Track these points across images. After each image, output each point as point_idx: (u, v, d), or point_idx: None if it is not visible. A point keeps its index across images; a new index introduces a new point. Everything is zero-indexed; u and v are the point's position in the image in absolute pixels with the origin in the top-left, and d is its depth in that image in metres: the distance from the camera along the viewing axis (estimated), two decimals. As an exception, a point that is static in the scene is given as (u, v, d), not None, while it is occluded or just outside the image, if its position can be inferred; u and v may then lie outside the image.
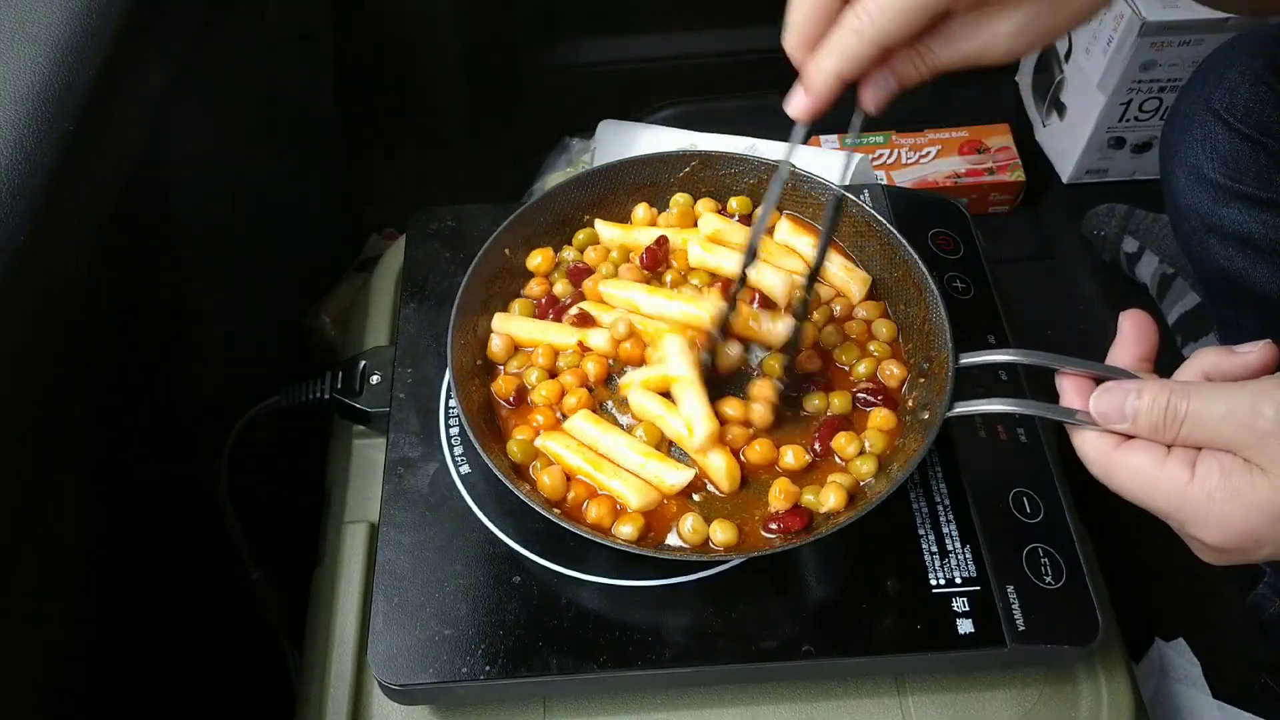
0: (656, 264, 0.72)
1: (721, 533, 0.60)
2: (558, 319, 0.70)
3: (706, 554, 0.60)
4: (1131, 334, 0.51)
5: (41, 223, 0.52)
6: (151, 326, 0.71)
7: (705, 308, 0.66)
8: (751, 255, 0.65)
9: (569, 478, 0.62)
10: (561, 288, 0.72)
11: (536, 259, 0.72)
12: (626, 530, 0.60)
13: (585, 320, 0.69)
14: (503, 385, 0.66)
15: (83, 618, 0.64)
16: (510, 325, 0.69)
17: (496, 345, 0.68)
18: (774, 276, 0.69)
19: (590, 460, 0.62)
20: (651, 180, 0.76)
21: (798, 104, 0.52)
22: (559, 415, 0.66)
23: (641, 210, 0.75)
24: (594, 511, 0.60)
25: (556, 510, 0.60)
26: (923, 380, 0.65)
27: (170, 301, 0.75)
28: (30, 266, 0.51)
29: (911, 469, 0.58)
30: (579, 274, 0.72)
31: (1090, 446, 0.49)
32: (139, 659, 0.70)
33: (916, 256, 0.67)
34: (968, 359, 0.60)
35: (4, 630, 0.54)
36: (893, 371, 0.67)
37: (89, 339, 0.61)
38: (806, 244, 0.72)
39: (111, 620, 0.66)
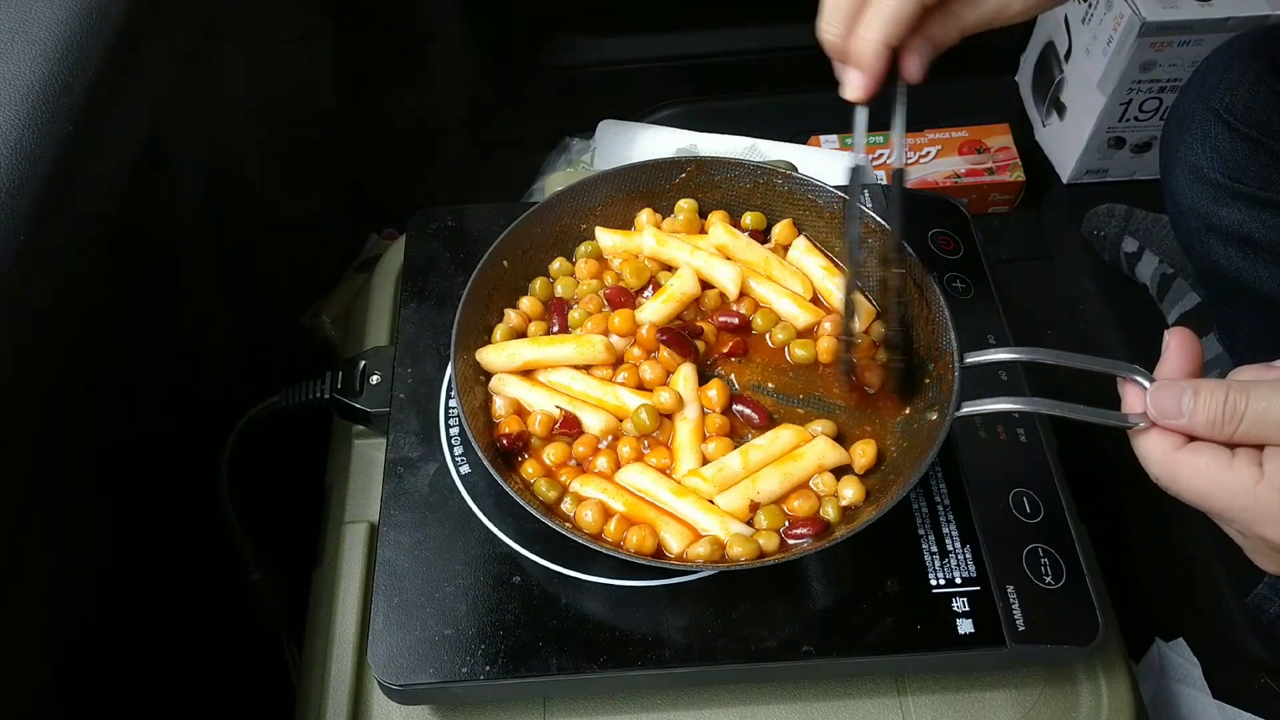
0: (624, 301, 0.70)
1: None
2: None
3: (721, 565, 0.59)
4: (1178, 349, 0.50)
5: (42, 223, 0.52)
6: (151, 326, 0.71)
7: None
8: (850, 313, 0.65)
9: (606, 512, 0.61)
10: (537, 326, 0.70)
11: (515, 313, 0.70)
12: (696, 549, 0.60)
13: (571, 424, 0.65)
14: (508, 427, 0.65)
15: (83, 617, 0.64)
16: (507, 387, 0.67)
17: (500, 408, 0.66)
18: (725, 270, 0.70)
19: (629, 504, 0.61)
20: (648, 188, 0.76)
21: (854, 84, 0.52)
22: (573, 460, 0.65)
23: (645, 216, 0.75)
24: (635, 539, 0.60)
25: (606, 543, 0.60)
26: (927, 381, 0.65)
27: (170, 301, 0.75)
28: (30, 266, 0.51)
29: (923, 471, 0.58)
30: (561, 308, 0.71)
31: (1153, 447, 0.48)
32: (139, 658, 0.70)
33: (917, 257, 0.67)
34: (972, 358, 0.60)
35: (5, 630, 0.54)
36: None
37: (89, 339, 0.61)
38: (817, 264, 0.72)
39: (112, 620, 0.66)
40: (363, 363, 0.74)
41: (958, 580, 0.61)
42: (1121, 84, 1.22)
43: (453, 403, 0.69)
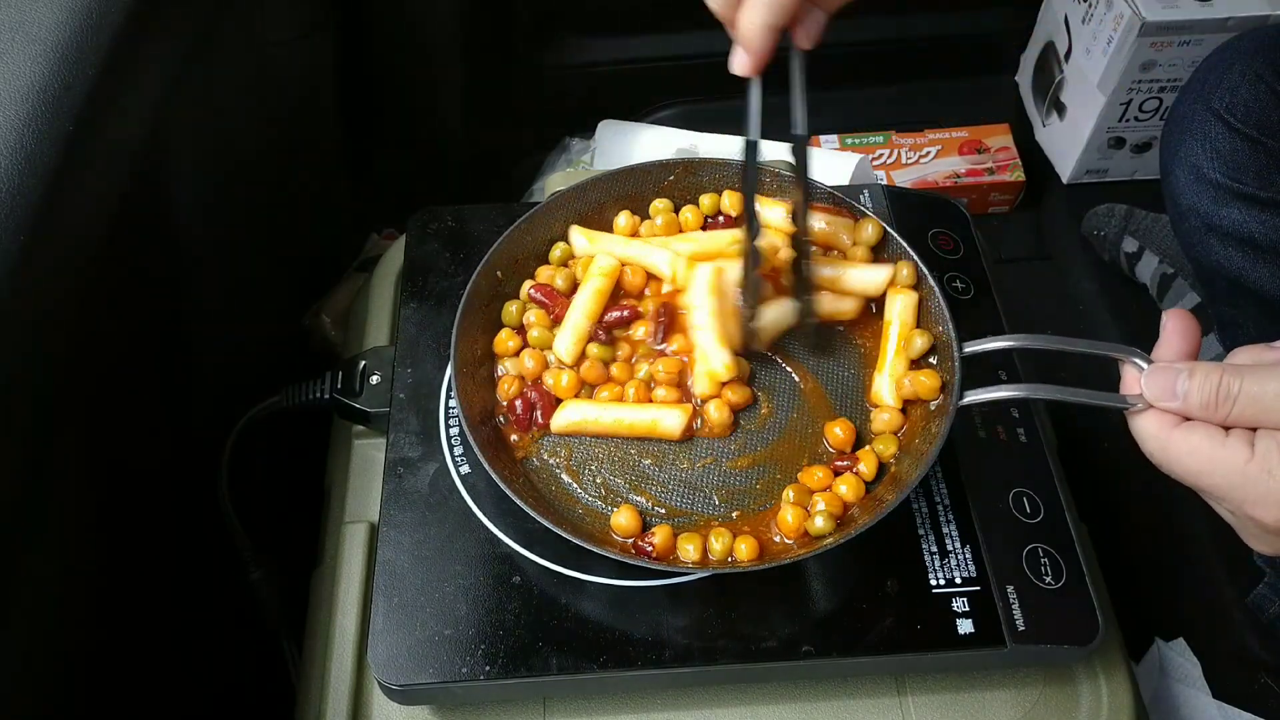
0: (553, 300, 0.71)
1: (745, 547, 0.60)
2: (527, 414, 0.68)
3: (725, 568, 0.59)
4: (1176, 332, 0.51)
5: (41, 223, 0.52)
6: (151, 327, 0.71)
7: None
8: (754, 226, 0.65)
9: (643, 517, 0.62)
10: (533, 364, 0.68)
11: (508, 342, 0.69)
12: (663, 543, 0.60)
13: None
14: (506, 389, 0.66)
15: (83, 618, 0.64)
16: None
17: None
18: (659, 254, 0.70)
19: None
20: (638, 191, 0.75)
21: (740, 62, 0.54)
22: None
23: (623, 219, 0.74)
24: (623, 519, 0.61)
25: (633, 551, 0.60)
26: (928, 380, 0.65)
27: (170, 301, 0.75)
28: (30, 266, 0.51)
29: (932, 460, 0.59)
30: (548, 295, 0.70)
31: (1148, 425, 0.49)
32: (139, 659, 0.70)
33: (908, 247, 0.68)
34: (971, 347, 0.61)
35: (5, 630, 0.54)
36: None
37: (88, 339, 0.61)
38: (780, 212, 0.72)
39: (112, 620, 0.66)
40: (363, 363, 0.74)
41: (958, 580, 0.61)
42: (1121, 84, 1.23)
43: (452, 403, 0.69)
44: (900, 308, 0.67)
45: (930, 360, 0.66)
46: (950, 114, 1.38)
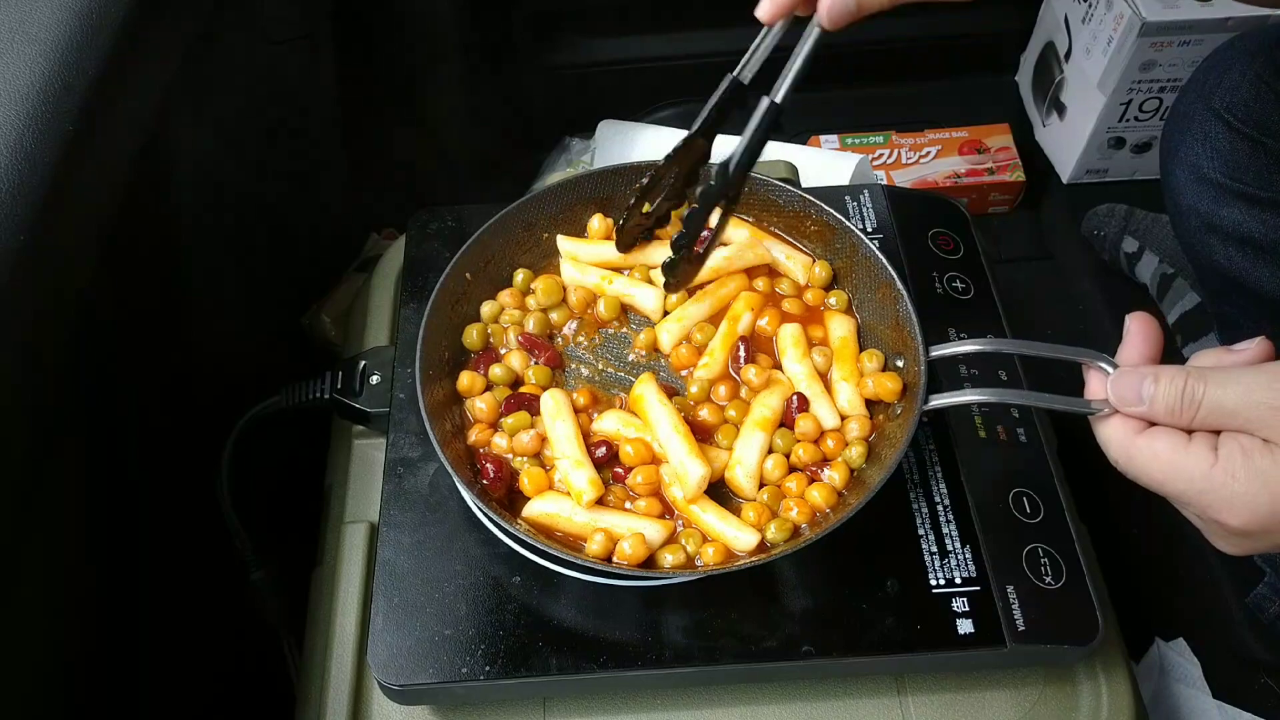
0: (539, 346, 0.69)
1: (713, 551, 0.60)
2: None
3: (699, 572, 0.60)
4: (1139, 334, 0.51)
5: (41, 223, 0.52)
6: (152, 326, 0.71)
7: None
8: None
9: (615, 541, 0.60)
10: (485, 406, 0.66)
11: (464, 380, 0.67)
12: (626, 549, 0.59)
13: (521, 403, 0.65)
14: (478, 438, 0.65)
15: (83, 618, 0.64)
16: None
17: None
18: (647, 293, 0.70)
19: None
20: (609, 195, 0.75)
21: (764, 5, 0.56)
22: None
23: (596, 221, 0.74)
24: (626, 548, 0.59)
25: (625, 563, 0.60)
26: (891, 384, 0.65)
27: (170, 301, 0.75)
28: (30, 267, 0.51)
29: (894, 464, 0.59)
30: (532, 344, 0.69)
31: (1112, 432, 0.49)
32: (139, 659, 0.70)
33: (874, 248, 0.68)
34: (937, 351, 0.61)
35: (5, 630, 0.54)
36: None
37: (89, 339, 0.61)
38: (743, 232, 0.74)
39: (112, 620, 0.66)
40: (363, 363, 0.74)
41: (958, 580, 0.61)
42: (1121, 84, 1.23)
43: (453, 403, 0.69)
44: (838, 330, 0.69)
45: (898, 364, 0.66)
46: (950, 114, 1.38)
